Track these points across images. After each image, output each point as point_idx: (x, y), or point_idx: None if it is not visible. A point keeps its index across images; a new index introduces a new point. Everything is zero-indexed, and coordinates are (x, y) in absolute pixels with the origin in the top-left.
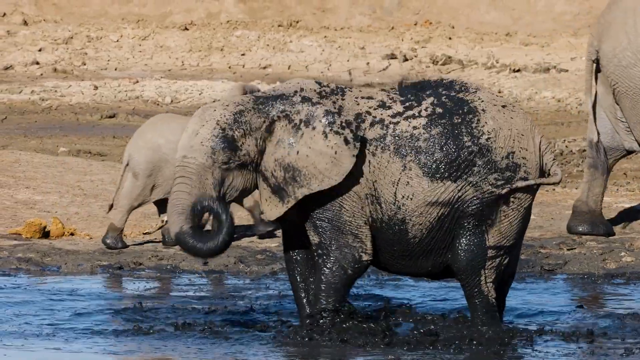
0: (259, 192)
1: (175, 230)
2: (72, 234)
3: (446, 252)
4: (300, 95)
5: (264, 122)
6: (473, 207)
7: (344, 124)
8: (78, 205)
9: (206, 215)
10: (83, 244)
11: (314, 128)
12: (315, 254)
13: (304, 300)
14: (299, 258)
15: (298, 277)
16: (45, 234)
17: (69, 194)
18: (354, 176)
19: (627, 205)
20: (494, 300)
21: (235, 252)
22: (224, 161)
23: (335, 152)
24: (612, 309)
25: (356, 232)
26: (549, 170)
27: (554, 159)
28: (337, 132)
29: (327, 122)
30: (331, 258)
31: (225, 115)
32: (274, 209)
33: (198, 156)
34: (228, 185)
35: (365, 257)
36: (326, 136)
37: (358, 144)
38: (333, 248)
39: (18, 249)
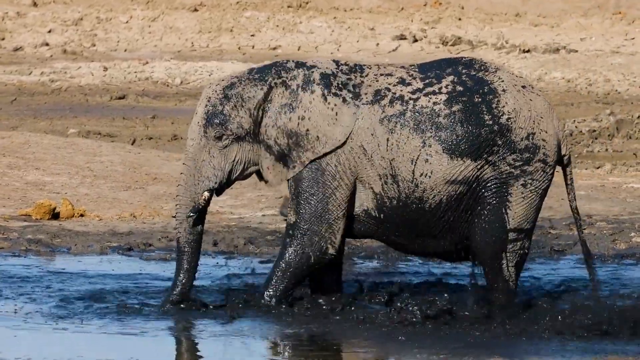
0: (260, 162)
1: (175, 236)
2: (81, 215)
3: (463, 233)
4: (294, 62)
5: (261, 90)
6: (492, 188)
7: (340, 85)
8: (88, 186)
9: (206, 197)
10: (93, 225)
11: (312, 92)
12: (285, 231)
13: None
14: None
15: None
16: (55, 215)
17: (79, 175)
18: (362, 159)
19: (637, 186)
20: (514, 285)
21: (245, 233)
22: (217, 137)
23: (336, 113)
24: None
25: (333, 223)
26: (566, 155)
27: (569, 145)
28: (335, 94)
29: (324, 85)
30: (299, 241)
31: (216, 91)
32: (277, 176)
33: (195, 137)
34: (231, 162)
35: (331, 251)
36: (325, 98)
37: (358, 102)
38: (305, 232)
39: (28, 230)
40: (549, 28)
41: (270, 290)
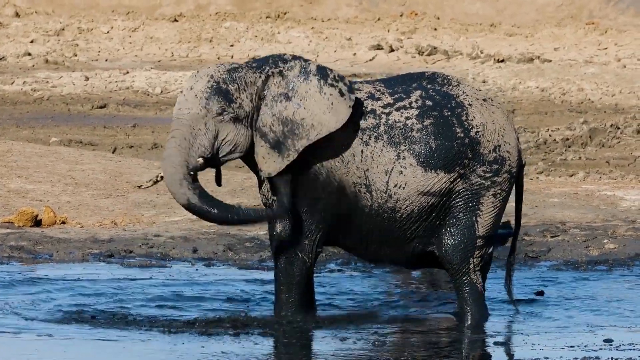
0: (256, 151)
1: (183, 203)
2: (63, 223)
3: (428, 240)
4: (291, 54)
5: (259, 77)
6: (463, 198)
7: (337, 78)
8: (69, 194)
9: (200, 163)
10: (74, 232)
11: (309, 82)
12: (273, 243)
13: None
14: None
15: None
16: (37, 223)
17: (61, 183)
18: (339, 167)
19: (610, 193)
20: (482, 289)
21: (224, 240)
22: (218, 112)
23: (332, 103)
24: (573, 295)
25: (315, 229)
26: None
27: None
28: (331, 85)
29: (320, 76)
30: (292, 248)
31: (219, 71)
32: (272, 165)
33: (192, 107)
34: (222, 140)
35: (308, 262)
36: (321, 88)
37: (353, 96)
38: (294, 238)
39: (10, 237)
40: (523, 38)
41: (283, 309)
